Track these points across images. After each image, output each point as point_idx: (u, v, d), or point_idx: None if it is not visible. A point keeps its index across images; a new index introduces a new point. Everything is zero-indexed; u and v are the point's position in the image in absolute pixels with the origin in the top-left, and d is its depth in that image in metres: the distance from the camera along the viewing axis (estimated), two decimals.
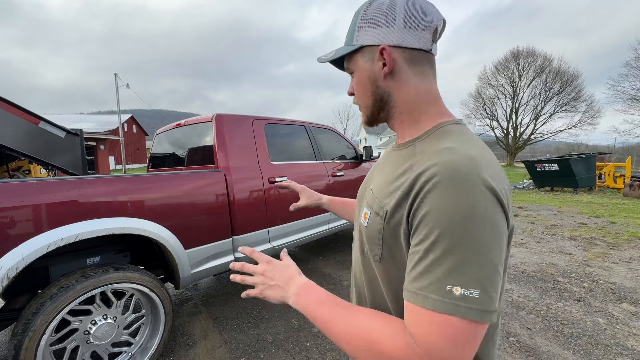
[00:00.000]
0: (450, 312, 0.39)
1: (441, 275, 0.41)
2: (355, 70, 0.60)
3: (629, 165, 8.88)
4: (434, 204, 0.43)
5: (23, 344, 1.39)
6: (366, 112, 0.62)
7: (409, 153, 0.55)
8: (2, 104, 3.24)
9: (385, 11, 0.55)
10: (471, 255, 0.40)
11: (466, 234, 0.41)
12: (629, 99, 24.60)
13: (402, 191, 0.49)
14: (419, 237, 0.44)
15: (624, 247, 4.01)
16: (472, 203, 0.41)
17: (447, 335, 0.40)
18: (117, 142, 28.12)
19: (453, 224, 0.41)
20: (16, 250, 1.39)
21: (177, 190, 1.99)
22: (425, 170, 0.46)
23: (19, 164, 4.25)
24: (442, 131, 0.54)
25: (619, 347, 1.98)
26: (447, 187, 0.42)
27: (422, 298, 0.42)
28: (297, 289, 0.58)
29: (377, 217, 0.53)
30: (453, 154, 0.46)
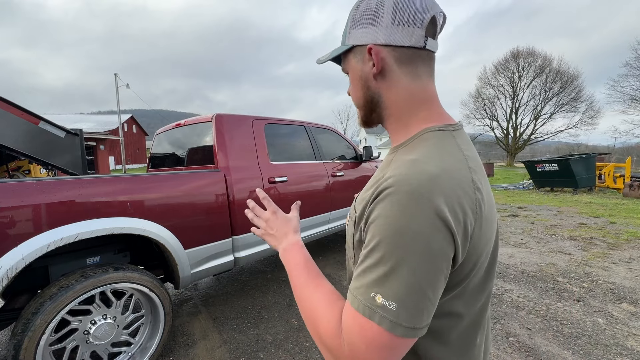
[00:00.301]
0: (368, 317, 0.42)
1: (369, 281, 0.43)
2: (349, 70, 0.60)
3: (628, 165, 8.89)
4: (380, 213, 0.45)
5: (23, 343, 1.39)
6: (360, 113, 0.62)
7: (388, 160, 0.56)
8: (2, 104, 3.24)
9: (374, 9, 0.53)
10: (398, 270, 0.41)
11: (398, 249, 0.41)
12: (628, 99, 24.62)
13: (368, 198, 0.50)
14: (365, 241, 0.47)
15: (624, 248, 4.01)
16: (411, 222, 0.41)
17: (366, 337, 0.42)
18: (117, 142, 28.13)
19: (389, 236, 0.42)
20: (16, 250, 1.39)
21: (176, 190, 1.99)
22: (385, 180, 0.47)
23: (19, 164, 4.25)
24: (421, 139, 0.52)
25: (618, 347, 1.98)
26: (394, 201, 0.43)
27: (352, 297, 0.45)
28: (286, 245, 0.66)
29: (351, 221, 0.57)
30: (410, 168, 0.46)
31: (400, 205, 0.43)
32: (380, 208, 0.45)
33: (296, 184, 2.83)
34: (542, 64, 31.26)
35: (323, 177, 3.17)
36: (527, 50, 31.99)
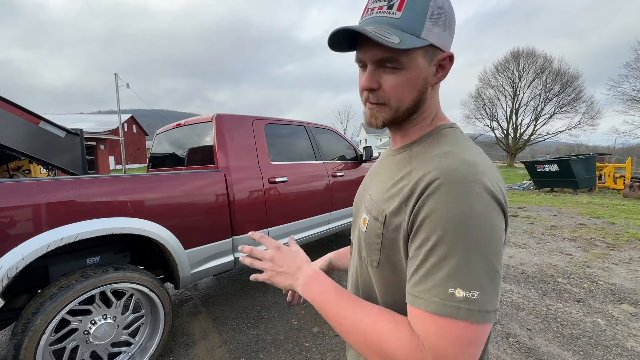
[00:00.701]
0: (452, 315, 0.40)
1: (443, 278, 0.41)
2: (409, 67, 0.50)
3: (629, 166, 8.88)
4: (433, 208, 0.43)
5: (23, 343, 1.39)
6: (395, 114, 0.54)
7: (405, 158, 0.56)
8: (2, 103, 3.24)
9: (449, 13, 0.50)
10: (471, 258, 0.41)
11: (466, 236, 0.41)
12: (629, 100, 24.61)
13: (402, 196, 0.49)
14: (418, 240, 0.44)
15: (624, 248, 4.01)
16: (471, 206, 0.42)
17: (452, 337, 0.40)
18: (117, 142, 28.14)
19: (453, 227, 0.42)
20: (16, 250, 1.39)
21: (177, 190, 1.99)
22: (425, 175, 0.46)
23: (19, 164, 4.25)
24: (439, 135, 0.55)
25: (618, 348, 1.98)
26: (447, 192, 0.43)
27: (425, 302, 0.42)
28: (305, 278, 0.57)
29: (376, 222, 0.53)
30: (451, 159, 0.47)
31: (456, 194, 0.43)
32: (433, 201, 0.44)
33: (296, 184, 2.83)
34: (542, 64, 31.27)
35: (323, 177, 3.17)
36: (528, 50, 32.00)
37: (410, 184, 0.48)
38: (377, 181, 0.62)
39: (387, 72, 0.51)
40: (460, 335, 0.40)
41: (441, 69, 0.53)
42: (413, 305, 0.44)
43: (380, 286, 0.55)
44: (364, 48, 0.51)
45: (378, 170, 0.66)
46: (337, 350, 2.03)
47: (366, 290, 0.60)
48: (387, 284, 0.54)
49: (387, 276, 0.53)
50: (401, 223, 0.48)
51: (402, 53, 0.48)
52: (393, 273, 0.52)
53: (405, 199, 0.48)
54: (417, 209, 0.45)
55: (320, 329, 2.28)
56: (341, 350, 2.03)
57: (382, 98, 0.53)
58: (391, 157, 0.62)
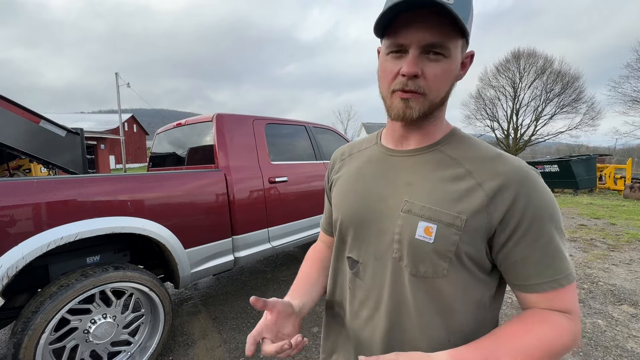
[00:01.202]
0: (575, 277, 0.52)
1: (564, 256, 0.51)
2: (451, 57, 0.49)
3: (629, 167, 8.87)
4: (538, 206, 0.50)
5: (23, 342, 1.39)
6: (430, 105, 0.52)
7: (441, 158, 0.56)
8: (3, 102, 3.25)
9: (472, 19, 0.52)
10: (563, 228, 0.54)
11: (560, 216, 0.53)
12: (629, 101, 24.56)
13: (485, 197, 0.50)
14: (528, 237, 0.50)
15: (624, 249, 4.00)
16: (551, 193, 0.53)
17: (575, 292, 0.52)
18: (117, 141, 28.15)
19: (555, 214, 0.51)
20: (16, 248, 1.40)
21: (177, 190, 1.99)
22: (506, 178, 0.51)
23: (20, 163, 4.25)
24: (463, 136, 0.59)
25: (618, 349, 1.98)
26: (539, 189, 0.51)
27: (566, 278, 0.50)
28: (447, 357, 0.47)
29: (450, 228, 0.50)
30: (513, 160, 0.54)
31: (543, 190, 0.51)
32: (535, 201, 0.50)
33: (297, 184, 2.83)
34: (543, 65, 31.21)
35: (323, 177, 3.17)
36: (528, 51, 31.94)
37: (487, 185, 0.51)
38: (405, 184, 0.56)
39: (430, 59, 0.49)
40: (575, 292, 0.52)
41: (462, 67, 0.54)
42: (554, 288, 0.50)
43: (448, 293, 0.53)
44: (411, 30, 0.48)
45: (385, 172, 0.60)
46: None
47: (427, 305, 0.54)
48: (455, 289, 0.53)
49: (455, 281, 0.53)
50: (484, 222, 0.50)
51: (451, 39, 0.48)
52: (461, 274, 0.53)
53: (489, 200, 0.50)
54: (521, 209, 0.49)
55: (320, 328, 2.28)
56: None
57: (422, 87, 0.50)
58: (411, 158, 0.58)
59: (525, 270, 0.51)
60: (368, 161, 0.65)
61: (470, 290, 0.54)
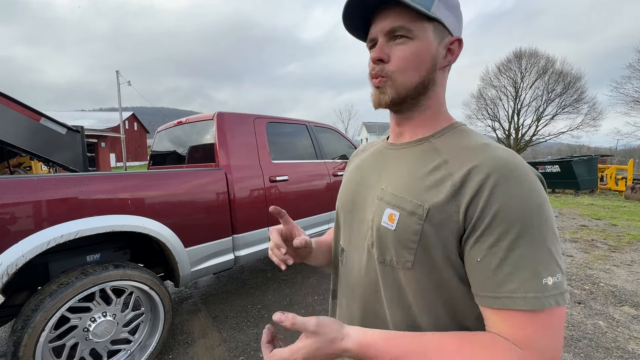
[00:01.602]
0: (547, 306, 0.39)
1: (533, 270, 0.40)
2: (418, 38, 0.51)
3: (630, 167, 8.85)
4: (504, 201, 0.42)
5: (22, 340, 1.39)
6: (399, 90, 0.53)
7: (428, 149, 0.54)
8: (4, 100, 3.24)
9: (457, 5, 0.54)
10: (550, 243, 0.41)
11: (543, 224, 0.42)
12: (631, 101, 24.50)
13: (450, 188, 0.46)
14: (491, 237, 0.42)
15: (625, 250, 3.99)
16: (540, 194, 0.43)
17: (550, 329, 0.40)
18: (118, 139, 28.18)
19: (531, 217, 0.41)
20: (16, 246, 1.39)
21: (177, 188, 1.98)
22: (476, 166, 0.45)
23: (20, 160, 4.26)
24: (461, 130, 0.55)
25: (619, 350, 1.97)
26: (513, 183, 0.43)
27: (522, 300, 0.40)
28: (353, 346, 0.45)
29: (412, 216, 0.48)
30: (497, 150, 0.47)
31: (525, 184, 0.43)
32: (502, 195, 0.42)
33: (297, 183, 2.82)
34: (544, 65, 31.14)
35: (324, 176, 3.16)
36: (530, 51, 31.87)
37: (458, 174, 0.46)
38: (388, 174, 0.57)
39: (396, 43, 0.52)
40: (556, 323, 0.40)
41: (450, 53, 0.54)
42: (506, 307, 0.40)
43: (414, 288, 0.50)
44: (377, 22, 0.53)
45: (377, 164, 0.62)
46: None
47: (393, 296, 0.52)
48: (422, 285, 0.49)
49: (424, 276, 0.49)
50: (451, 216, 0.45)
51: (413, 21, 0.50)
52: (430, 273, 0.48)
53: (454, 191, 0.45)
54: (483, 203, 0.43)
55: None
56: None
57: (387, 71, 0.52)
58: (400, 150, 0.58)
59: (481, 275, 0.43)
60: (370, 155, 0.67)
61: (442, 292, 0.48)
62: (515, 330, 0.40)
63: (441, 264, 0.47)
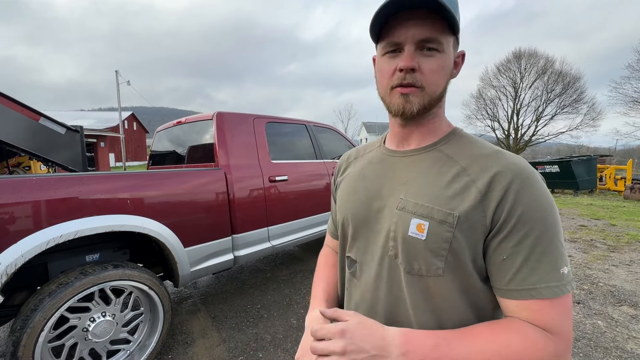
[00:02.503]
0: (566, 292, 0.46)
1: (554, 263, 0.46)
2: (445, 52, 0.52)
3: (629, 167, 8.87)
4: (529, 203, 0.47)
5: (21, 340, 1.38)
6: (428, 99, 0.54)
7: (439, 157, 0.56)
8: (3, 100, 3.24)
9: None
10: (561, 236, 0.48)
11: (557, 222, 0.48)
12: (630, 102, 24.54)
13: (475, 195, 0.49)
14: (516, 236, 0.47)
15: (624, 250, 4.00)
16: (550, 197, 0.49)
17: (567, 312, 0.46)
18: (117, 139, 28.14)
19: (549, 216, 0.47)
20: (15, 246, 1.39)
21: (177, 188, 1.98)
22: (500, 172, 0.49)
23: (19, 160, 4.25)
24: (463, 136, 0.58)
25: (618, 350, 1.98)
26: (533, 186, 0.48)
27: (545, 289, 0.45)
28: (400, 347, 0.46)
29: (442, 225, 0.50)
30: (510, 157, 0.51)
31: (539, 189, 0.49)
32: (524, 198, 0.47)
33: (297, 183, 2.82)
34: (544, 65, 31.17)
35: (324, 176, 3.16)
36: (529, 51, 31.90)
37: (481, 180, 0.50)
38: (402, 183, 0.57)
39: (425, 55, 0.52)
40: (569, 307, 0.47)
41: (455, 66, 0.57)
42: (531, 297, 0.46)
43: (445, 293, 0.51)
44: (405, 29, 0.51)
45: (386, 172, 0.61)
46: None
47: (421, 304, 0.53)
48: (451, 291, 0.51)
49: (454, 280, 0.51)
50: (479, 220, 0.49)
51: (444, 35, 0.51)
52: (459, 277, 0.51)
53: (482, 195, 0.49)
54: (510, 206, 0.47)
55: None
56: None
57: (420, 81, 0.52)
58: (410, 157, 0.58)
59: (508, 272, 0.47)
60: (370, 163, 0.66)
61: (469, 294, 0.51)
62: (543, 318, 0.45)
63: (469, 268, 0.51)
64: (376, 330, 0.48)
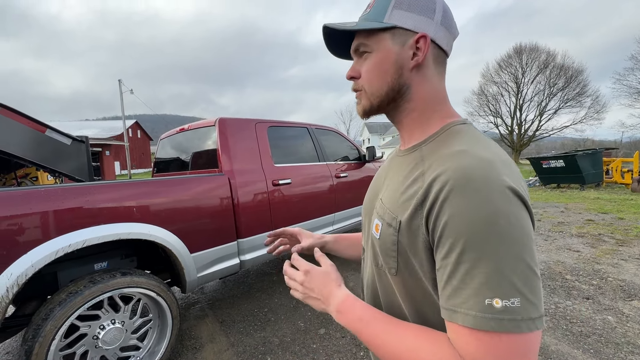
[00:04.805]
0: (494, 329, 0.37)
1: (477, 288, 0.38)
2: (377, 50, 0.53)
3: (636, 160, 8.76)
4: (453, 213, 0.40)
5: (33, 349, 1.41)
6: (371, 99, 0.56)
7: (415, 158, 0.53)
8: (10, 113, 3.30)
9: (424, 2, 0.52)
10: (505, 262, 0.38)
11: (494, 239, 0.38)
12: (635, 93, 24.30)
13: (416, 200, 0.46)
14: (443, 249, 0.42)
15: (633, 244, 3.95)
16: (496, 207, 0.39)
17: (499, 353, 0.37)
18: (122, 147, 28.41)
19: (479, 230, 0.39)
20: (25, 257, 1.42)
21: (181, 195, 2.00)
22: (438, 177, 0.44)
23: (27, 171, 4.32)
24: (450, 132, 0.52)
25: (630, 346, 1.96)
26: (465, 194, 0.40)
27: (463, 316, 0.39)
28: (338, 306, 0.55)
29: (389, 228, 0.51)
30: (466, 158, 0.43)
31: (478, 195, 0.40)
32: (452, 206, 0.41)
33: (300, 186, 2.84)
34: (545, 59, 30.96)
35: (327, 178, 3.17)
36: (530, 46, 31.72)
37: (424, 187, 0.46)
38: (387, 184, 0.60)
39: (363, 59, 0.56)
40: (509, 349, 0.37)
41: (419, 52, 0.52)
42: (450, 320, 0.41)
43: (402, 293, 0.53)
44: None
45: (387, 172, 0.64)
46: (344, 352, 2.02)
47: (388, 298, 0.58)
48: (408, 291, 0.52)
49: (407, 282, 0.51)
50: (419, 228, 0.46)
51: (368, 36, 0.54)
52: (413, 279, 0.50)
53: (419, 202, 0.46)
54: (435, 214, 0.43)
55: (327, 330, 2.28)
56: (348, 352, 2.02)
57: (359, 85, 0.57)
58: (400, 158, 0.60)
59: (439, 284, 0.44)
60: (387, 162, 0.71)
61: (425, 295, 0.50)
62: (460, 344, 0.40)
63: (419, 271, 0.48)
64: (329, 284, 0.58)
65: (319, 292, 0.58)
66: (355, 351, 2.03)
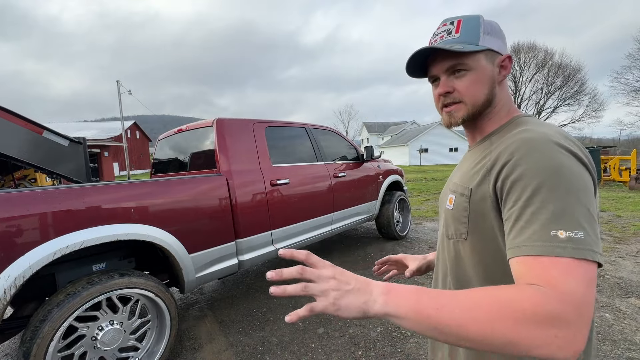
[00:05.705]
0: (556, 254, 0.42)
1: (542, 224, 0.44)
2: (475, 68, 0.62)
3: (634, 158, 8.79)
4: (523, 169, 0.49)
5: (32, 351, 1.41)
6: (471, 110, 0.64)
7: (485, 146, 0.64)
8: (7, 115, 3.30)
9: (498, 29, 0.65)
10: (570, 202, 0.44)
11: (559, 183, 0.45)
12: (632, 91, 24.37)
13: (485, 170, 0.57)
14: (512, 198, 0.49)
15: (631, 241, 3.97)
16: (558, 159, 0.48)
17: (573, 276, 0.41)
18: (120, 148, 28.36)
19: (546, 176, 0.46)
20: (23, 258, 1.42)
21: (179, 195, 2.00)
22: (504, 149, 0.54)
23: (25, 173, 4.31)
24: (516, 122, 0.63)
25: (626, 343, 1.97)
26: (532, 153, 0.49)
27: (528, 248, 0.44)
28: (383, 287, 0.47)
29: (462, 197, 0.62)
30: (528, 133, 0.54)
31: (539, 154, 0.49)
32: (519, 166, 0.49)
33: (298, 186, 2.84)
34: (543, 58, 31.03)
35: (325, 178, 3.18)
36: (528, 44, 31.78)
37: (492, 157, 0.56)
38: (460, 170, 0.70)
39: (457, 77, 0.63)
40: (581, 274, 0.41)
41: (503, 69, 0.65)
42: (515, 255, 0.46)
43: (471, 257, 0.61)
44: (435, 64, 0.65)
45: (459, 166, 0.75)
46: (343, 351, 2.03)
47: (456, 265, 0.66)
48: (476, 254, 0.60)
49: (476, 246, 0.60)
50: (487, 191, 0.56)
51: (467, 57, 0.61)
52: (482, 242, 0.59)
53: (488, 170, 0.56)
54: (505, 174, 0.51)
55: (326, 329, 2.28)
56: (347, 351, 2.03)
57: (457, 98, 0.64)
58: (470, 152, 0.71)
59: (507, 233, 0.49)
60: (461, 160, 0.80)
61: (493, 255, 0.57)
62: (533, 274, 0.43)
63: (488, 233, 0.57)
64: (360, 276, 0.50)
65: (356, 282, 0.48)
66: (354, 350, 2.03)
